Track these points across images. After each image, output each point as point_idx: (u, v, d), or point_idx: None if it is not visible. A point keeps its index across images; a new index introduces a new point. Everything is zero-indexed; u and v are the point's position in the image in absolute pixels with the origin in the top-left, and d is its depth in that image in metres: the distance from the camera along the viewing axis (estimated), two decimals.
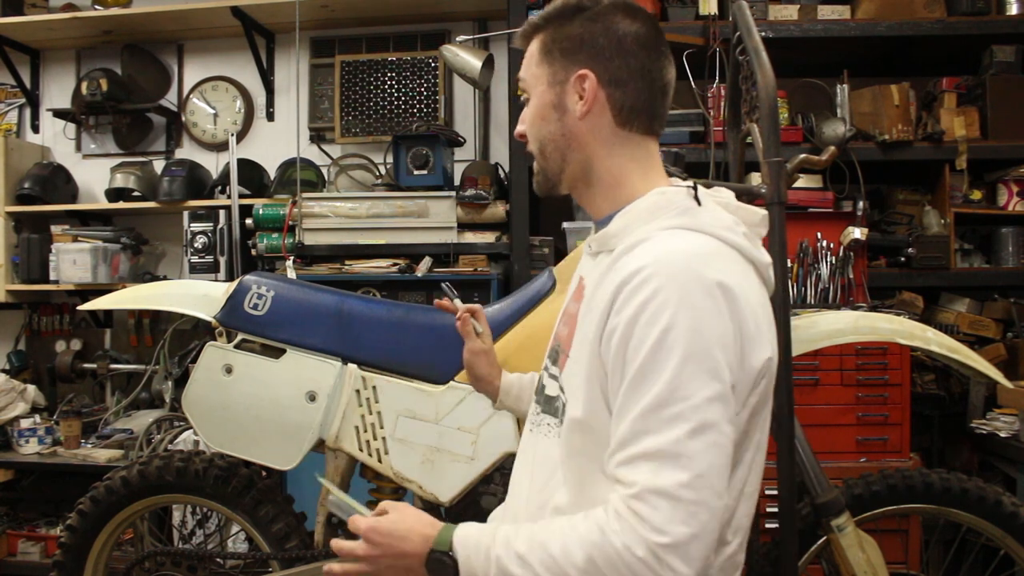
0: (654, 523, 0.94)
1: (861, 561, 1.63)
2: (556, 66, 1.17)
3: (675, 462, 0.95)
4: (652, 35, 1.18)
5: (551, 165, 1.20)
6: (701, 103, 2.97)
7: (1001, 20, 2.96)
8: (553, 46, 1.18)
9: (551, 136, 1.19)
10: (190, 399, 1.94)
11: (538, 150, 1.21)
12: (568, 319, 1.22)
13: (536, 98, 1.20)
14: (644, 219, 1.11)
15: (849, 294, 2.84)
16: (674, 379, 0.97)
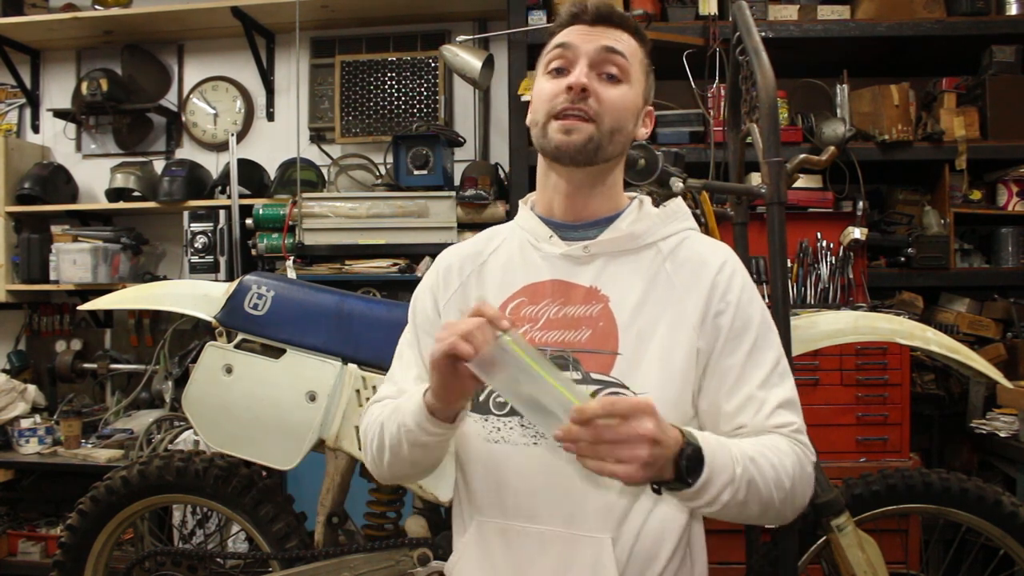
0: (809, 449, 1.22)
1: (861, 561, 1.63)
2: (647, 87, 1.33)
3: (797, 407, 1.25)
4: None
5: (611, 149, 1.24)
6: (701, 103, 2.97)
7: (1001, 20, 2.97)
8: (647, 65, 1.34)
9: (626, 132, 1.26)
10: (190, 399, 1.94)
11: (610, 130, 1.22)
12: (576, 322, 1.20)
13: (632, 92, 1.27)
14: (664, 220, 1.28)
15: (849, 294, 2.84)
16: (777, 345, 1.25)
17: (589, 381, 1.18)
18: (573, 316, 1.21)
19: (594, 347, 1.19)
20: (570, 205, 1.27)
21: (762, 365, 1.21)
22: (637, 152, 1.61)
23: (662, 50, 2.93)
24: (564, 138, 1.20)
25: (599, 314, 1.20)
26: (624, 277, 1.22)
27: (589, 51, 1.22)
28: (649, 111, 1.33)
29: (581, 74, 1.20)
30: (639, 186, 1.69)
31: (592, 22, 1.25)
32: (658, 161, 1.61)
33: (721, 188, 1.83)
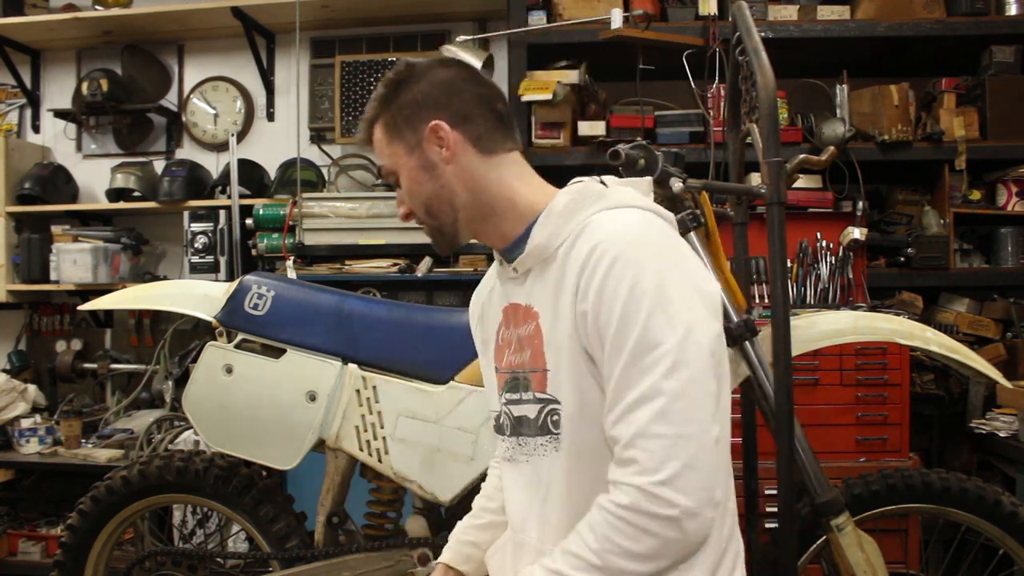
0: (647, 465, 1.02)
1: (860, 561, 1.63)
2: (407, 135, 1.22)
3: (651, 403, 1.03)
4: (471, 72, 1.27)
5: (444, 219, 1.24)
6: (701, 103, 2.97)
7: (1000, 20, 2.97)
8: (395, 121, 1.23)
9: (433, 193, 1.23)
10: (190, 399, 1.94)
11: (426, 212, 1.24)
12: (521, 343, 1.22)
13: (404, 171, 1.24)
14: (567, 216, 1.17)
15: (849, 294, 2.84)
16: (644, 331, 1.05)
17: (535, 400, 1.20)
18: (520, 336, 1.23)
19: (533, 366, 1.20)
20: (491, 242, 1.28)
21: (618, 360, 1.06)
22: (637, 152, 1.61)
23: (662, 50, 2.94)
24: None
25: (533, 331, 1.20)
26: (544, 289, 1.18)
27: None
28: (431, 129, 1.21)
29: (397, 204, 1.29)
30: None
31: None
32: (658, 161, 1.61)
33: (721, 188, 1.83)
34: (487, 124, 1.22)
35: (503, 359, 1.27)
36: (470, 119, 1.21)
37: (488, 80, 1.29)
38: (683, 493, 1.01)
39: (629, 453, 1.04)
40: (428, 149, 1.21)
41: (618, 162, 1.61)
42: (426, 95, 1.22)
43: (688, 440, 1.02)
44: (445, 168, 1.21)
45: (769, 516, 2.29)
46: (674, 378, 1.03)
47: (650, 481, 1.01)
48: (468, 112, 1.21)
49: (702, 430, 1.03)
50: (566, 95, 2.94)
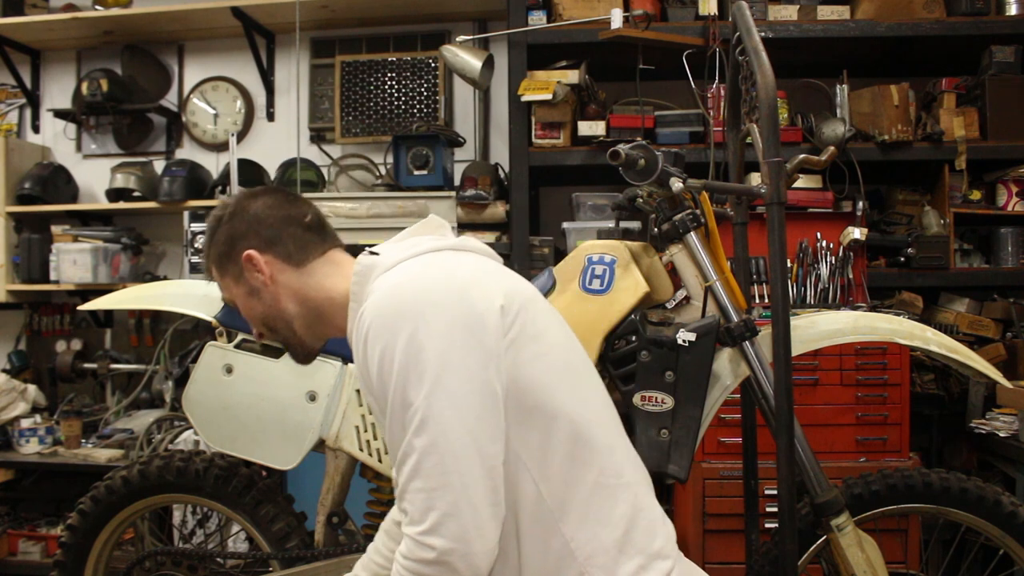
0: (413, 516, 1.12)
1: (860, 561, 1.63)
2: (231, 268, 1.37)
3: (408, 461, 1.13)
4: (278, 196, 1.40)
5: (285, 332, 1.38)
6: (701, 103, 2.97)
7: (1000, 20, 2.96)
8: (220, 259, 1.38)
9: (265, 313, 1.37)
10: (190, 399, 1.94)
11: (269, 329, 1.39)
12: None
13: (238, 299, 1.39)
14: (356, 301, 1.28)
15: (849, 294, 2.84)
16: (397, 394, 1.14)
17: None
18: None
19: None
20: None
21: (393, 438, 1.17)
22: (637, 152, 1.61)
23: (662, 50, 2.94)
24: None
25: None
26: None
27: None
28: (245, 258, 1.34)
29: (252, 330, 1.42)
30: (639, 186, 1.69)
31: None
32: (658, 161, 1.61)
33: (721, 188, 1.83)
34: (296, 240, 1.35)
35: None
36: (278, 241, 1.34)
37: (296, 197, 1.43)
38: (443, 538, 1.10)
39: (402, 506, 1.14)
40: (249, 277, 1.35)
41: (618, 162, 1.61)
42: (236, 230, 1.36)
43: (444, 490, 1.10)
44: (267, 289, 1.35)
45: (769, 516, 2.29)
46: (423, 435, 1.11)
47: (416, 531, 1.12)
48: (275, 236, 1.34)
49: (458, 477, 1.11)
50: (566, 95, 2.95)
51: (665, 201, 1.69)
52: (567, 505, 1.19)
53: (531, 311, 1.23)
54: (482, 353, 1.15)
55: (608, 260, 1.71)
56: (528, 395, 1.18)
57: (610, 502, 1.22)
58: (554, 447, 1.19)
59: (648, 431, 1.64)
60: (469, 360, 1.14)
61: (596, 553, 1.19)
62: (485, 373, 1.15)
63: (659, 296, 1.76)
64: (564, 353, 1.27)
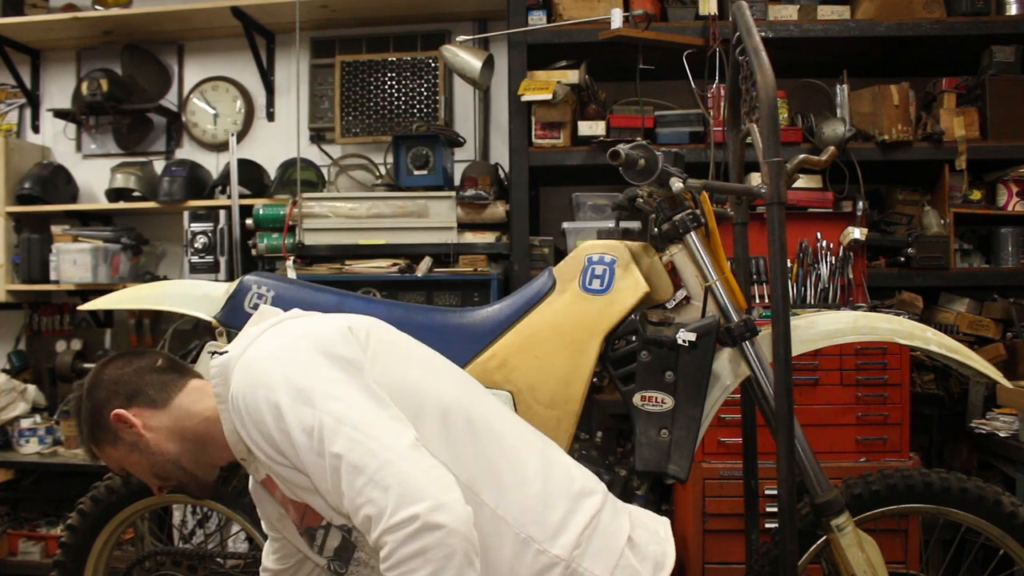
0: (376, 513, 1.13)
1: (861, 561, 1.63)
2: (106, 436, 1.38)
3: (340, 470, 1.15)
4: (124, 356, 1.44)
5: (176, 474, 1.38)
6: (701, 103, 2.97)
7: (1001, 20, 2.96)
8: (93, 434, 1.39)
9: (152, 464, 1.37)
10: None
11: (161, 478, 1.39)
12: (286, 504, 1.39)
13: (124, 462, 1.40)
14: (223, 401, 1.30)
15: (849, 294, 2.84)
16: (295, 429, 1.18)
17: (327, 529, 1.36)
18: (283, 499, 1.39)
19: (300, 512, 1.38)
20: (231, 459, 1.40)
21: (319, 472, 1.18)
22: (637, 152, 1.61)
23: (662, 50, 2.94)
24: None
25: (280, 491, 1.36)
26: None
27: None
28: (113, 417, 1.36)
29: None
30: (639, 186, 1.69)
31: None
32: (658, 161, 1.61)
33: (721, 188, 1.83)
34: (154, 386, 1.38)
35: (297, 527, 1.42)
36: (139, 393, 1.38)
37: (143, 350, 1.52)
38: (415, 503, 1.10)
39: (360, 516, 1.14)
40: (124, 435, 1.37)
41: (618, 162, 1.61)
42: (98, 400, 1.38)
43: (387, 467, 1.12)
44: (144, 439, 1.36)
45: (769, 516, 2.29)
46: (338, 438, 1.15)
47: (387, 521, 1.10)
48: (134, 389, 1.38)
49: (390, 453, 1.14)
50: (566, 95, 2.95)
51: (665, 201, 1.69)
52: (483, 478, 1.25)
53: (379, 328, 1.35)
54: (348, 363, 1.24)
55: (608, 260, 1.71)
56: (410, 394, 1.25)
57: (520, 462, 1.30)
58: (453, 432, 1.25)
59: (648, 431, 1.64)
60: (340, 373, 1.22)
61: (524, 512, 1.25)
62: (360, 377, 1.23)
63: (659, 296, 1.76)
64: (424, 352, 1.40)
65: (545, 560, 1.23)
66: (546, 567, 1.23)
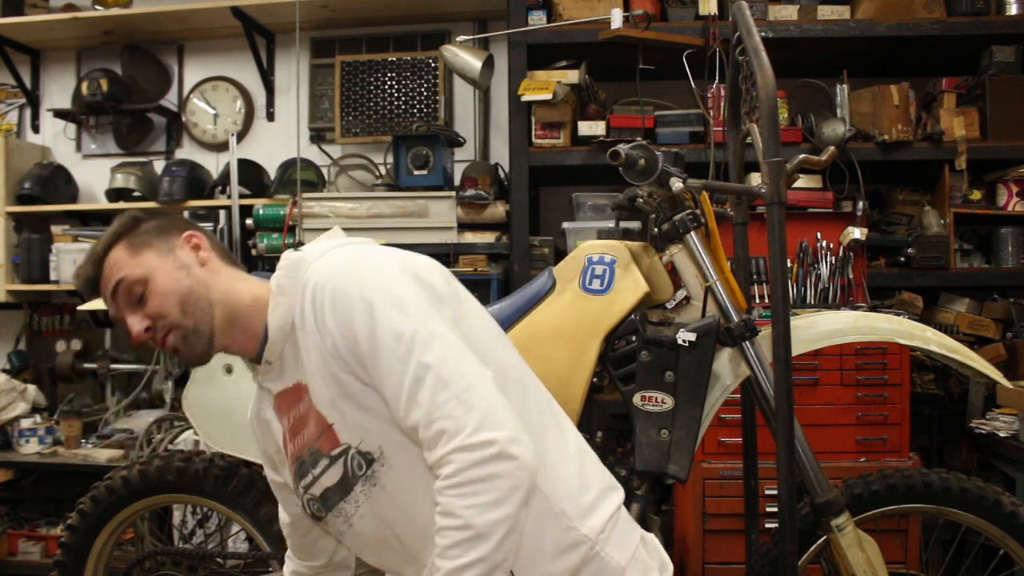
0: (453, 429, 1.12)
1: (861, 561, 1.63)
2: (156, 245, 1.31)
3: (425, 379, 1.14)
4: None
5: (200, 316, 1.29)
6: (701, 103, 2.97)
7: (1001, 20, 2.96)
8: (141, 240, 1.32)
9: (189, 289, 1.29)
10: (190, 399, 1.94)
11: (181, 310, 1.28)
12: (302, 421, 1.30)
13: (158, 272, 1.29)
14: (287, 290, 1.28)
15: (849, 294, 2.84)
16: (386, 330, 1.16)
17: (334, 459, 1.27)
18: (299, 416, 1.30)
19: (319, 431, 1.27)
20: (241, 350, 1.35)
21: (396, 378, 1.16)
22: (637, 152, 1.61)
23: (662, 50, 2.94)
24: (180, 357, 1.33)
25: (308, 402, 1.27)
26: (300, 359, 1.27)
27: (118, 307, 1.31)
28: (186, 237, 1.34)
29: (133, 325, 1.29)
30: (639, 186, 1.69)
31: (93, 290, 1.33)
32: (658, 161, 1.61)
33: (721, 188, 1.83)
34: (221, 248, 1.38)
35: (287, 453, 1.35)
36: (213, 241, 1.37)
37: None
38: (496, 429, 1.11)
39: (433, 430, 1.12)
40: (182, 254, 1.32)
41: (618, 162, 1.61)
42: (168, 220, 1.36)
43: (474, 389, 1.13)
44: (199, 269, 1.31)
45: (769, 516, 2.29)
46: (431, 349, 1.14)
47: (464, 440, 1.10)
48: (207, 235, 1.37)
49: (478, 377, 1.15)
50: (566, 95, 2.95)
51: (665, 201, 1.69)
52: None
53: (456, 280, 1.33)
54: (439, 297, 1.23)
55: (608, 260, 1.71)
56: (479, 344, 1.24)
57: (562, 440, 1.31)
58: (510, 393, 1.23)
59: (648, 431, 1.64)
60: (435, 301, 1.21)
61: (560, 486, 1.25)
62: (448, 312, 1.22)
63: (659, 296, 1.76)
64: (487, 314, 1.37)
65: (573, 537, 1.24)
66: (572, 544, 1.24)
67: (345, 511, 1.29)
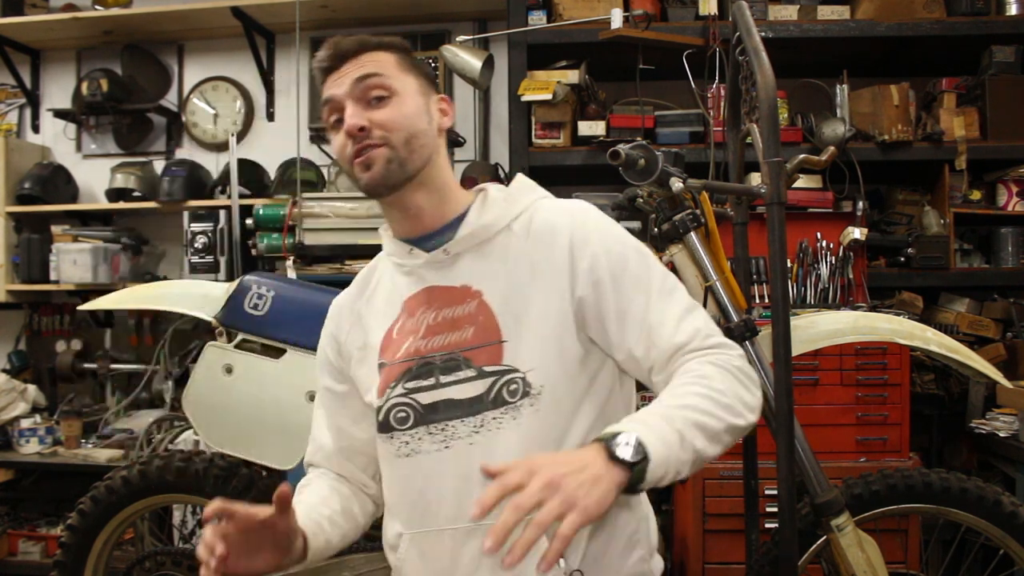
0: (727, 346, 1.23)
1: (861, 561, 1.63)
2: (420, 81, 1.30)
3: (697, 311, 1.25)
4: None
5: (416, 158, 1.26)
6: (701, 103, 2.97)
7: (1001, 20, 2.96)
8: (412, 64, 1.30)
9: (423, 133, 1.27)
10: (190, 399, 1.94)
11: (405, 140, 1.25)
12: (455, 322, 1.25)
13: (409, 97, 1.27)
14: (508, 203, 1.30)
15: (849, 294, 2.84)
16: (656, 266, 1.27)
17: (484, 375, 1.22)
18: (453, 317, 1.26)
19: (480, 341, 1.23)
20: (413, 222, 1.31)
21: (650, 290, 1.23)
22: (637, 152, 1.61)
23: (662, 50, 2.94)
24: (368, 174, 1.25)
25: (477, 309, 1.25)
26: (489, 268, 1.26)
27: (347, 91, 1.25)
28: (441, 99, 1.33)
29: (350, 116, 1.24)
30: (639, 186, 1.69)
31: (338, 65, 1.27)
32: (658, 161, 1.61)
33: (721, 188, 1.83)
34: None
35: (401, 349, 1.28)
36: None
37: None
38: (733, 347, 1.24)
39: (711, 341, 1.21)
40: (433, 105, 1.31)
41: (618, 162, 1.61)
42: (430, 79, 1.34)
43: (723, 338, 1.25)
44: (435, 129, 1.30)
45: (769, 516, 2.29)
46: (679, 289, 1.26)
47: (739, 353, 1.22)
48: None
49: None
50: (566, 95, 2.95)
51: (665, 201, 1.69)
52: None
53: None
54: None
55: None
56: None
57: None
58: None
59: None
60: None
61: None
62: None
63: None
64: None
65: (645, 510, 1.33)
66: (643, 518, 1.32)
67: (452, 431, 1.23)
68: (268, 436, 1.89)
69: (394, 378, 1.27)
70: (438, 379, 1.24)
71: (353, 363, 1.36)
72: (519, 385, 1.21)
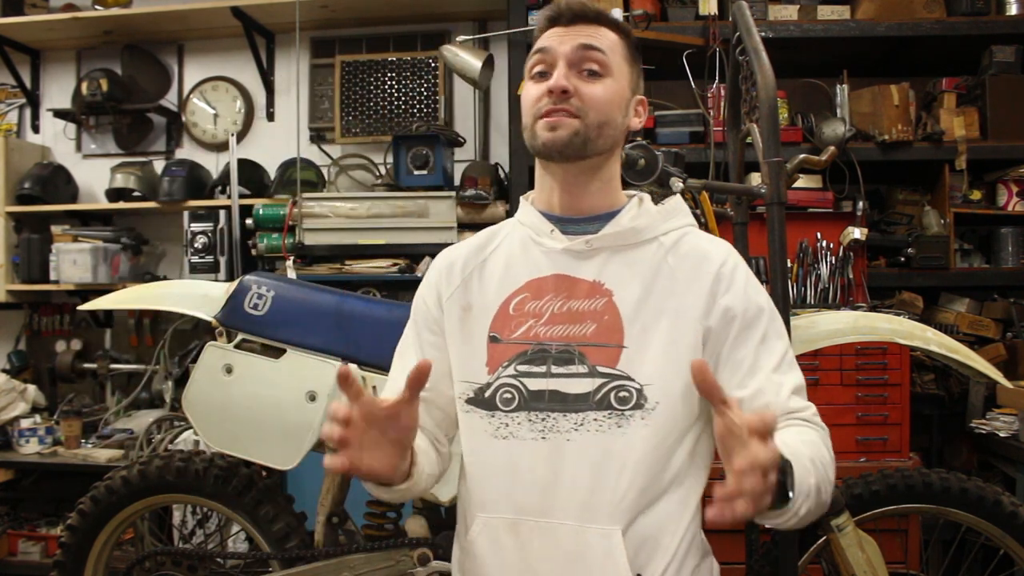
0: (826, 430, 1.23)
1: (861, 561, 1.63)
2: (633, 75, 1.31)
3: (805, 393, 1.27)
4: None
5: (600, 143, 1.26)
6: (701, 103, 2.97)
7: (1001, 20, 2.97)
8: (633, 57, 1.31)
9: (616, 125, 1.27)
10: (190, 399, 1.94)
11: (598, 123, 1.24)
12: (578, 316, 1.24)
13: (619, 85, 1.27)
14: (663, 218, 1.31)
15: (849, 294, 2.84)
16: (785, 335, 1.29)
17: (595, 374, 1.21)
18: (577, 310, 1.24)
19: (600, 340, 1.22)
20: (568, 199, 1.30)
21: (774, 353, 1.24)
22: (637, 152, 1.61)
23: (662, 50, 2.94)
24: (550, 135, 1.23)
25: (603, 308, 1.23)
26: (627, 271, 1.25)
27: (566, 52, 1.25)
28: (640, 100, 1.33)
29: (560, 76, 1.23)
30: (639, 186, 1.69)
31: (568, 23, 1.27)
32: (658, 161, 1.61)
33: (721, 188, 1.83)
34: None
35: (519, 330, 1.26)
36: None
37: None
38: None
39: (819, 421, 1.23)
40: (634, 102, 1.32)
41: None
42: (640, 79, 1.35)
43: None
44: (626, 125, 1.30)
45: None
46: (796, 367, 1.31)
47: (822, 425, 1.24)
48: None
49: None
50: None
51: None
52: None
53: None
54: None
55: None
56: None
57: None
58: None
59: None
60: None
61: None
62: None
63: None
64: None
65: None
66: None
67: (553, 423, 1.22)
68: (268, 436, 1.89)
69: (508, 357, 1.26)
70: (550, 368, 1.23)
71: (451, 319, 1.34)
72: (631, 394, 1.20)
